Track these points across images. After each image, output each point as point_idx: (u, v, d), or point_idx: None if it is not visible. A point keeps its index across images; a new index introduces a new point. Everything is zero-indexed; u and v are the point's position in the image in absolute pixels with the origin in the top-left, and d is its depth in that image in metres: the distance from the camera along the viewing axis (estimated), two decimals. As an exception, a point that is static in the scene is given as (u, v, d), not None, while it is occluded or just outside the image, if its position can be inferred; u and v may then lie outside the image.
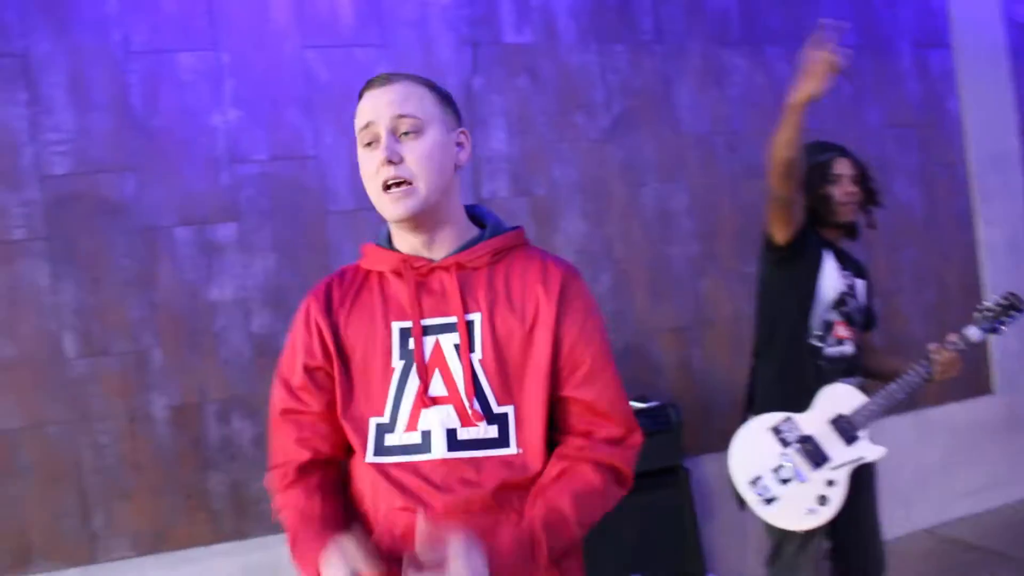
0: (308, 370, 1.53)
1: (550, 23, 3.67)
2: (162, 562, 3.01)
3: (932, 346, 2.54)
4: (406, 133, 1.46)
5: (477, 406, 1.45)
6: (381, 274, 1.55)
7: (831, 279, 2.64)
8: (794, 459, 2.56)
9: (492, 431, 1.46)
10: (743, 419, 2.71)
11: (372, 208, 1.51)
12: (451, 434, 1.44)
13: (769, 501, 2.56)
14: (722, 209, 3.90)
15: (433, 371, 1.47)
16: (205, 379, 3.14)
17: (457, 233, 1.54)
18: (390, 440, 1.46)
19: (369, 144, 1.48)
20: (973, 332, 2.54)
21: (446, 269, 1.50)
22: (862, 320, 2.71)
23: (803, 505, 2.53)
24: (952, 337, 2.53)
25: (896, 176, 4.31)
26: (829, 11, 4.18)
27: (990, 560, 3.87)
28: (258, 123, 3.25)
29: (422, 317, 1.49)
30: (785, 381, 2.65)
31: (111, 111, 3.09)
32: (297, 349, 1.55)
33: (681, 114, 3.87)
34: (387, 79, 1.50)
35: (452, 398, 1.46)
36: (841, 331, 2.63)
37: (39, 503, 2.95)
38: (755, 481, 2.59)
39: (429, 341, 1.48)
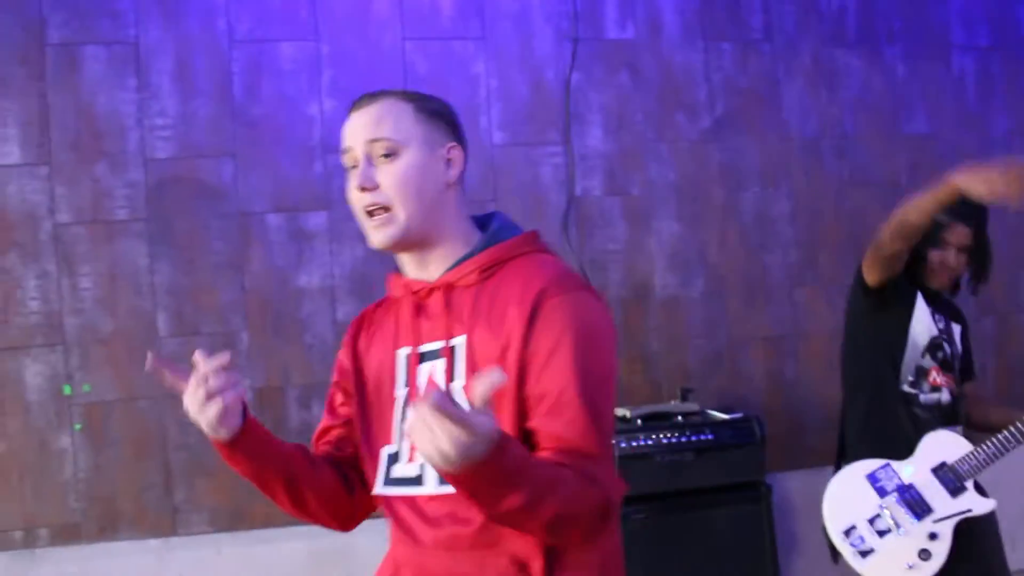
0: (340, 387, 1.56)
1: (655, 19, 3.57)
2: (238, 540, 3.09)
3: None
4: (384, 156, 1.38)
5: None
6: (399, 300, 1.49)
7: (923, 323, 2.52)
8: (892, 509, 2.42)
9: None
10: (836, 468, 2.59)
11: (465, 198, 1.48)
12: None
13: (865, 554, 2.42)
14: (826, 217, 3.72)
15: None
16: (289, 364, 3.20)
17: (452, 250, 1.43)
18: (395, 472, 1.41)
19: (353, 168, 1.41)
20: None
21: (438, 289, 1.41)
22: (959, 367, 2.57)
23: (903, 559, 2.39)
24: None
25: (1023, 189, 4.02)
26: (959, 9, 3.94)
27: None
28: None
29: (419, 343, 1.42)
30: (878, 427, 2.53)
31: (213, 98, 3.17)
32: (336, 368, 1.58)
33: (788, 116, 3.70)
34: (368, 99, 1.43)
35: None
36: (936, 377, 2.50)
37: (127, 474, 3.07)
38: (849, 531, 2.45)
39: (425, 368, 1.40)
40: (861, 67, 3.81)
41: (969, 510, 2.40)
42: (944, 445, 2.43)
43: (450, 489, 1.24)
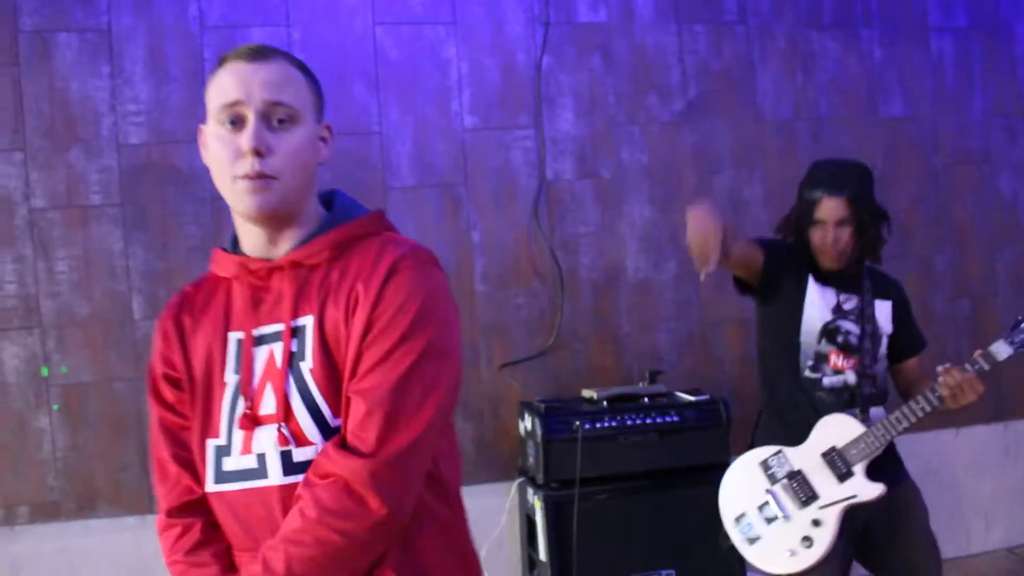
0: (171, 381, 1.39)
1: (628, 2, 3.58)
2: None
3: (941, 368, 2.30)
4: (281, 121, 1.30)
5: (285, 429, 1.27)
6: (229, 280, 1.39)
7: (816, 308, 2.46)
8: (780, 496, 2.41)
9: None
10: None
11: (433, 185, 1.56)
12: (285, 456, 1.27)
13: (752, 541, 2.43)
14: (801, 199, 3.74)
15: (265, 385, 1.30)
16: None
17: (302, 227, 1.36)
18: (228, 464, 1.31)
19: (233, 124, 1.30)
20: (1001, 348, 2.28)
21: (282, 269, 1.33)
22: (877, 346, 2.48)
23: (785, 546, 2.37)
24: (977, 355, 2.30)
25: (1001, 169, 4.02)
26: (938, -10, 3.92)
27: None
28: (326, 98, 3.31)
29: (256, 325, 1.33)
30: (779, 414, 2.53)
31: (185, 84, 3.21)
32: (155, 362, 1.42)
33: (762, 99, 3.71)
34: (263, 53, 1.33)
35: (279, 416, 1.28)
36: (837, 361, 2.45)
37: (104, 453, 3.15)
38: (739, 518, 2.47)
39: (262, 352, 1.32)
40: (837, 49, 3.80)
41: (854, 496, 2.35)
42: (835, 429, 2.39)
43: (298, 477, 1.26)
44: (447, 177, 3.40)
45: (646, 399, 3.19)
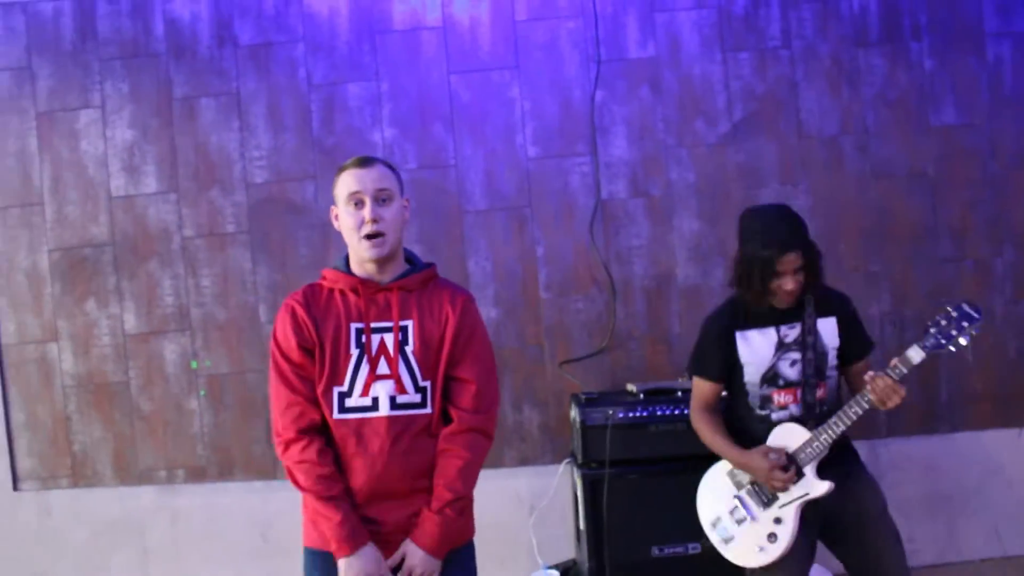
0: (304, 349, 2.23)
1: (674, 36, 3.98)
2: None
3: (867, 375, 2.55)
4: (383, 200, 2.21)
5: (406, 380, 2.22)
6: (342, 291, 2.27)
7: (754, 360, 2.74)
8: (746, 500, 2.77)
9: (417, 398, 2.23)
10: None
11: (501, 208, 2.73)
12: (391, 400, 2.21)
13: (727, 541, 2.79)
14: (848, 209, 3.98)
15: (379, 358, 2.21)
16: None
17: (399, 266, 2.30)
18: (349, 403, 2.21)
19: (356, 205, 2.21)
20: (914, 354, 2.51)
21: (390, 290, 2.25)
22: (814, 370, 2.71)
23: (755, 543, 2.72)
24: (894, 362, 2.53)
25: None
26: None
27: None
28: (409, 138, 3.96)
29: (371, 321, 2.23)
30: (739, 431, 2.81)
31: (297, 132, 3.95)
32: (289, 335, 2.24)
33: (806, 117, 3.99)
34: (369, 161, 2.26)
35: (392, 374, 2.21)
36: (780, 399, 2.74)
37: (239, 430, 3.95)
38: (716, 522, 2.84)
39: (376, 338, 2.22)
40: (884, 65, 4.00)
41: (806, 494, 2.65)
42: (786, 437, 2.69)
43: (397, 412, 2.20)
44: (514, 201, 3.96)
45: (680, 392, 3.59)
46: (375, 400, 2.19)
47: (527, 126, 3.97)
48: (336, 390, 2.21)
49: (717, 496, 2.86)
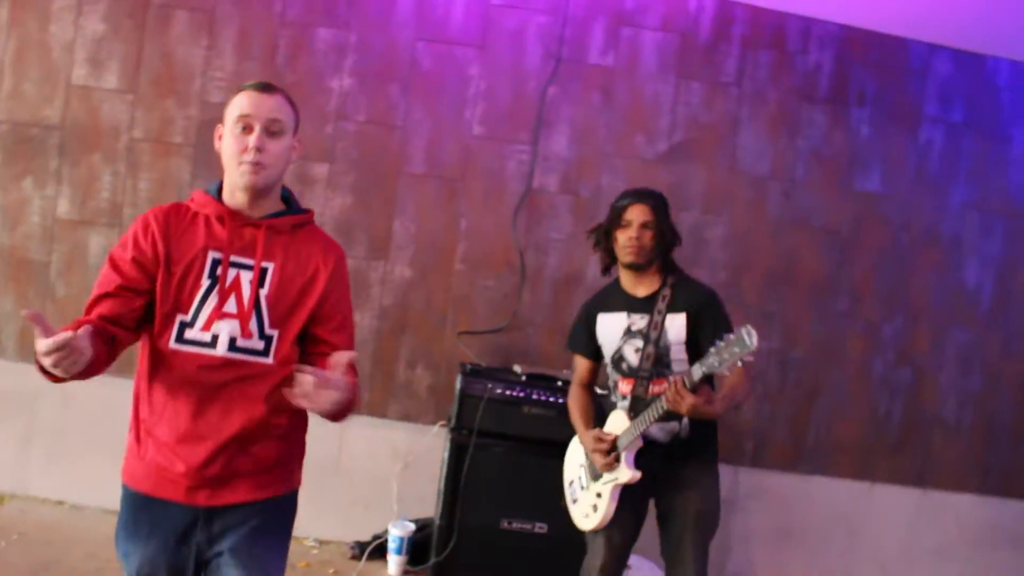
0: (138, 263, 2.00)
1: (635, 52, 4.17)
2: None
3: (672, 378, 2.70)
4: (273, 133, 2.01)
5: (253, 325, 2.02)
6: (207, 216, 2.06)
7: (607, 338, 2.97)
8: (583, 472, 3.03)
9: (260, 344, 2.03)
10: None
11: (437, 177, 2.69)
12: (232, 341, 2.00)
13: (574, 502, 3.06)
14: (760, 247, 4.20)
15: (230, 294, 2.03)
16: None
17: (273, 204, 2.10)
18: (188, 335, 1.99)
19: (243, 129, 2.01)
20: (696, 371, 2.60)
21: (257, 226, 2.04)
22: (653, 362, 2.87)
23: (585, 509, 2.99)
24: (683, 375, 2.65)
25: (969, 259, 4.31)
26: (937, 84, 4.26)
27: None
28: (364, 91, 4.12)
29: (231, 254, 2.03)
30: (602, 414, 3.04)
31: (261, 63, 4.10)
32: (128, 246, 2.02)
33: (741, 153, 4.20)
34: (269, 88, 2.07)
35: (239, 315, 2.01)
36: (622, 387, 2.94)
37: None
38: (570, 484, 3.11)
39: (232, 272, 2.02)
40: (824, 122, 4.23)
41: (616, 478, 2.86)
42: (616, 423, 2.90)
43: (234, 355, 1.99)
44: (450, 172, 4.13)
45: (560, 383, 3.80)
46: (215, 338, 1.99)
47: (478, 105, 4.15)
48: (179, 317, 2.00)
49: (571, 462, 3.14)
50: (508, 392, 3.71)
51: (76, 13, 4.07)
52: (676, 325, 2.88)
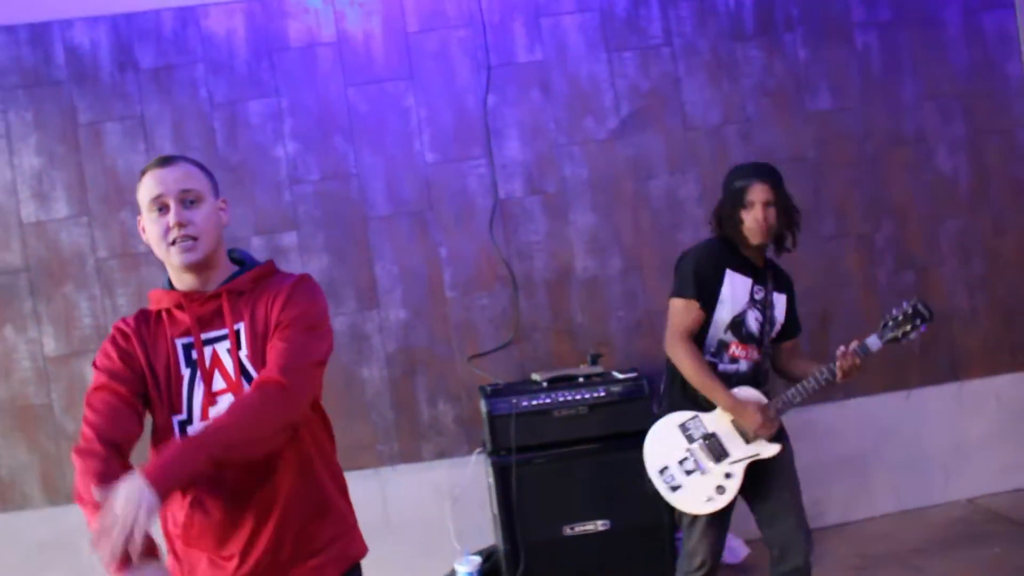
0: (130, 367, 1.91)
1: (560, 39, 4.18)
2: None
3: (840, 350, 2.74)
4: (191, 202, 1.91)
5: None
6: (168, 309, 1.96)
7: (729, 303, 2.90)
8: (697, 453, 2.92)
9: None
10: (655, 416, 3.06)
11: (404, 213, 2.72)
12: None
13: (674, 488, 2.94)
14: (734, 194, 4.20)
15: (213, 372, 1.93)
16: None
17: (224, 270, 1.99)
18: (191, 431, 1.88)
19: (160, 211, 1.90)
20: (872, 342, 2.72)
21: (218, 296, 1.94)
22: (772, 333, 2.95)
23: (704, 494, 2.90)
24: (854, 345, 2.73)
25: (937, 147, 4.32)
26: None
27: (1016, 533, 3.93)
28: (311, 151, 4.11)
29: (201, 332, 1.93)
30: (686, 387, 2.96)
31: (203, 151, 4.06)
32: (113, 357, 1.92)
33: (691, 109, 4.21)
34: (170, 160, 1.95)
35: (230, 388, 1.92)
36: (736, 351, 2.92)
37: (162, 443, 4.05)
38: (663, 470, 2.97)
39: (208, 350, 1.93)
40: (761, 56, 4.25)
41: (758, 454, 2.86)
42: (749, 396, 2.87)
43: None
44: (415, 205, 4.12)
45: (581, 379, 3.78)
46: None
47: (424, 133, 4.14)
48: (176, 419, 1.91)
49: (666, 446, 2.98)
50: (534, 402, 3.68)
51: (8, 153, 4.04)
52: (780, 305, 2.97)
